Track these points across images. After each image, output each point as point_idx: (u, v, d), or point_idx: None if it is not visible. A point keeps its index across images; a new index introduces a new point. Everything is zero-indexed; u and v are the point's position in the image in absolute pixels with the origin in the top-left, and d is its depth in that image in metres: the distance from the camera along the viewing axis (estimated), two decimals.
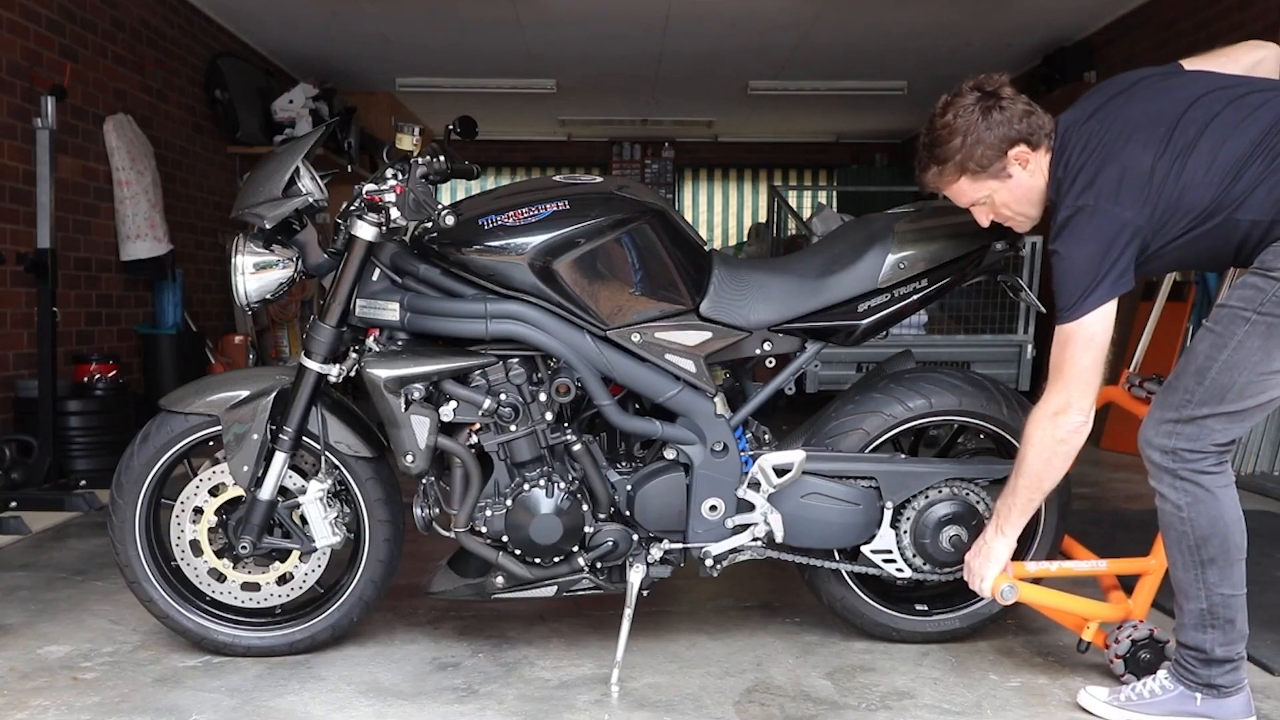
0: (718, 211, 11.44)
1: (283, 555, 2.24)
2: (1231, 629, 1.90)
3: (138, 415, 4.53)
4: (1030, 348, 4.90)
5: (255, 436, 2.13)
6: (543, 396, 2.13)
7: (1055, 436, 1.91)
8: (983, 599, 2.33)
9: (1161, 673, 1.99)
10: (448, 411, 2.10)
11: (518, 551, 2.16)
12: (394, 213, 2.07)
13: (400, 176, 2.11)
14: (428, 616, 2.54)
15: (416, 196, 2.04)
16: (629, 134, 10.69)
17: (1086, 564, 2.25)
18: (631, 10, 6.02)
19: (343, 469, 2.21)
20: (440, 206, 2.04)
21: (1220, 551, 1.88)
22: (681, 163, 11.17)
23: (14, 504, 3.58)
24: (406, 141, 2.13)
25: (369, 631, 2.42)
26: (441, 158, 2.14)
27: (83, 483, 3.92)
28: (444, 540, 2.24)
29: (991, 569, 2.07)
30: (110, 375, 4.39)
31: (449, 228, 2.04)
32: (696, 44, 6.79)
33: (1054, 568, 2.22)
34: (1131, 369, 2.37)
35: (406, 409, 2.06)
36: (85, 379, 4.33)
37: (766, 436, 2.34)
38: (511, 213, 2.07)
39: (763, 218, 10.50)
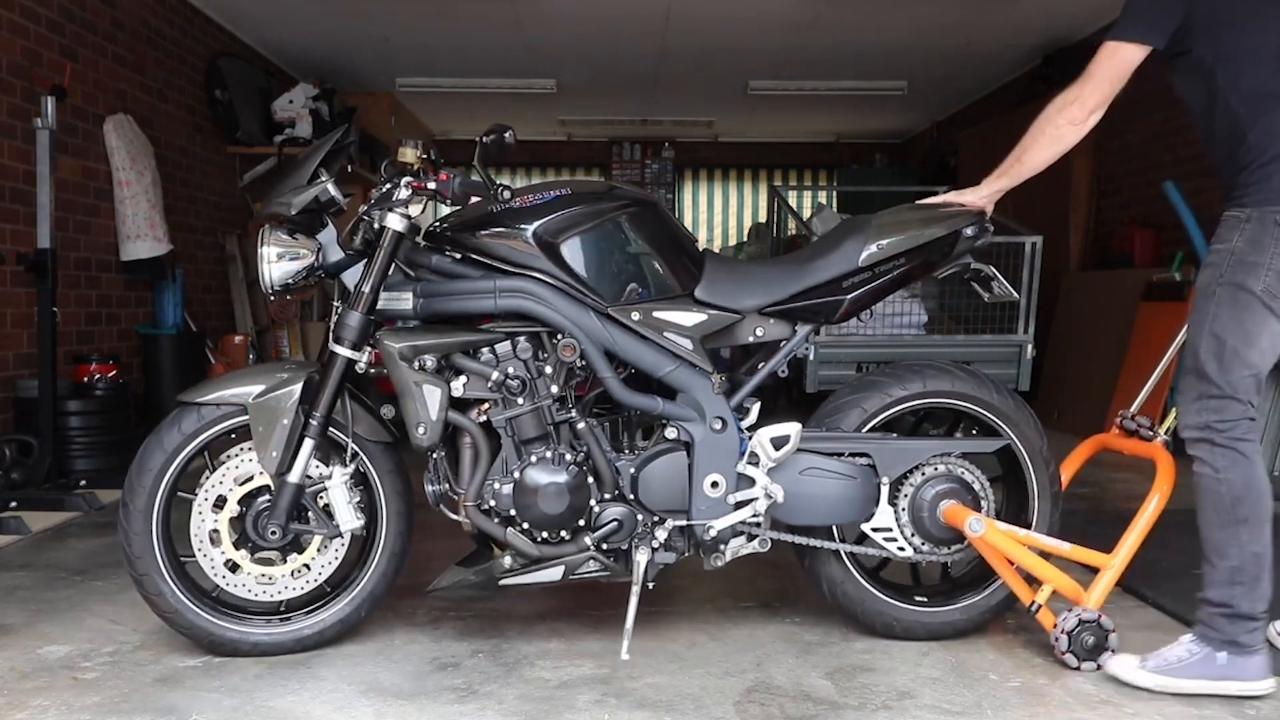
0: (718, 211, 11.45)
1: (299, 547, 2.26)
2: (1257, 586, 2.04)
3: (138, 415, 4.54)
4: (1030, 348, 4.90)
5: (286, 422, 2.18)
6: (549, 370, 2.21)
7: (1052, 120, 2.14)
8: (981, 591, 2.38)
9: (1186, 637, 2.12)
10: (458, 386, 2.18)
11: (525, 526, 2.21)
12: (414, 205, 2.17)
13: (396, 182, 2.21)
14: (428, 616, 2.54)
15: (463, 180, 2.18)
16: (629, 134, 10.70)
17: (1052, 541, 2.31)
18: (631, 10, 6.03)
19: (364, 457, 2.28)
20: (498, 184, 2.15)
21: (1253, 511, 2.03)
22: (681, 163, 11.18)
23: (14, 504, 3.58)
24: (409, 154, 2.20)
25: (369, 631, 2.42)
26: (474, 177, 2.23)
27: (83, 483, 3.92)
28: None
29: (965, 196, 2.31)
30: (110, 375, 4.39)
31: (504, 201, 2.16)
32: (697, 43, 6.79)
33: (1021, 533, 2.29)
34: (1132, 409, 2.55)
35: (419, 379, 2.15)
36: (85, 379, 4.33)
37: (756, 407, 2.39)
38: (519, 199, 2.21)
39: (763, 218, 10.50)
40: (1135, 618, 2.56)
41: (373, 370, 2.22)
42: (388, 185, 2.19)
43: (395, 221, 2.17)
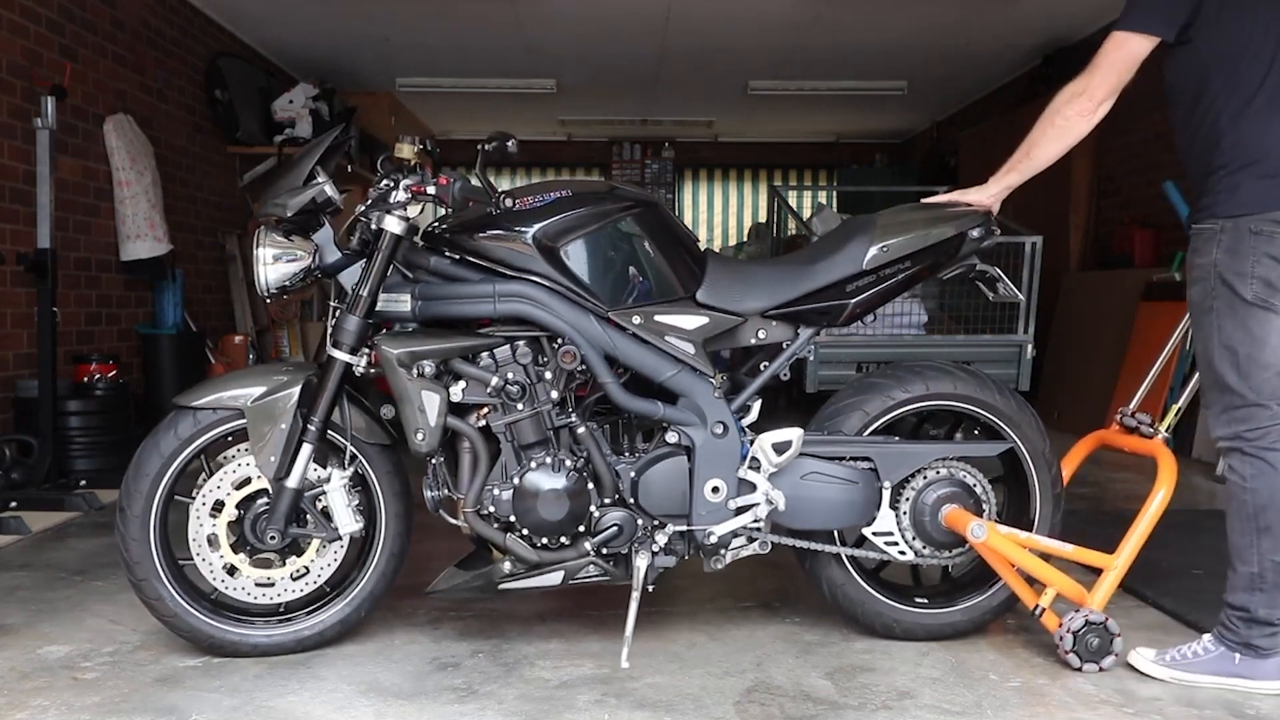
0: (718, 211, 11.44)
1: (298, 550, 2.26)
2: (1277, 594, 2.07)
3: (138, 415, 4.53)
4: (1030, 348, 4.90)
5: (284, 426, 2.17)
6: (548, 375, 2.20)
7: (1061, 111, 2.13)
8: (982, 592, 2.38)
9: (1206, 636, 2.15)
10: (457, 391, 2.17)
11: (525, 531, 2.20)
12: (412, 207, 2.16)
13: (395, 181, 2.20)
14: (428, 617, 2.54)
15: (464, 184, 2.17)
16: (629, 134, 10.70)
17: (1054, 543, 2.31)
18: (631, 10, 6.02)
19: (363, 460, 2.27)
20: (499, 192, 2.13)
21: (1275, 520, 2.05)
22: (681, 163, 11.17)
23: (14, 504, 3.58)
24: (406, 150, 2.19)
25: (369, 632, 2.42)
26: (472, 179, 2.22)
27: (83, 483, 3.92)
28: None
29: (970, 195, 2.28)
30: (110, 375, 4.39)
31: (506, 208, 2.13)
32: (697, 43, 6.79)
33: (1022, 536, 2.29)
34: (1131, 406, 2.54)
35: (418, 384, 2.14)
36: (85, 379, 4.33)
37: (757, 405, 2.38)
38: (519, 200, 2.18)
39: (763, 218, 10.50)
40: (1136, 618, 2.56)
41: (372, 370, 2.21)
42: (385, 184, 2.18)
43: (393, 224, 2.15)
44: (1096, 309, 5.88)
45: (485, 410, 2.21)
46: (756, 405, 2.35)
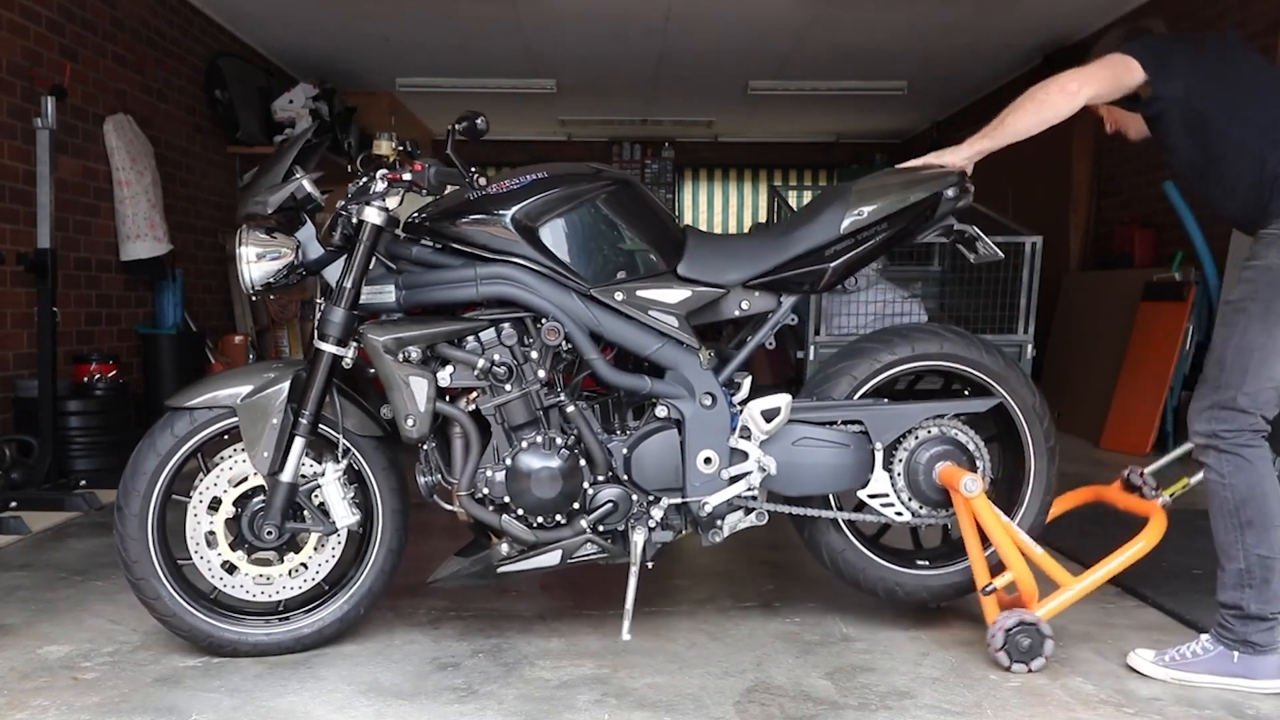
0: (718, 211, 11.44)
1: (296, 547, 2.26)
2: (1266, 588, 2.07)
3: (138, 415, 4.53)
4: (1030, 348, 4.89)
5: (275, 421, 2.18)
6: (535, 355, 2.21)
7: (1046, 86, 2.15)
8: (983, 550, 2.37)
9: (1204, 636, 2.16)
10: (445, 376, 2.19)
11: (520, 512, 2.21)
12: (390, 198, 2.17)
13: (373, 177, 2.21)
14: (428, 616, 2.54)
15: (438, 169, 2.17)
16: (629, 134, 10.70)
17: (1028, 540, 2.29)
18: (631, 10, 6.02)
19: (358, 454, 2.27)
20: (472, 171, 2.15)
21: (1257, 514, 2.07)
22: (681, 163, 11.17)
23: (14, 504, 3.58)
24: (384, 147, 2.19)
25: (369, 631, 2.42)
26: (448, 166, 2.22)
27: (83, 483, 3.92)
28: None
29: (945, 156, 2.30)
30: (110, 375, 4.39)
31: (483, 191, 2.16)
32: (696, 44, 6.79)
33: (1004, 520, 2.28)
34: (1148, 469, 2.53)
35: (405, 370, 2.15)
36: (85, 379, 4.33)
37: (748, 382, 2.39)
38: (496, 184, 2.21)
39: (763, 218, 10.50)
40: (1135, 618, 2.56)
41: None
42: (364, 179, 2.19)
43: (372, 215, 2.17)
44: (1096, 309, 5.88)
45: (474, 394, 2.22)
46: (747, 382, 2.36)
